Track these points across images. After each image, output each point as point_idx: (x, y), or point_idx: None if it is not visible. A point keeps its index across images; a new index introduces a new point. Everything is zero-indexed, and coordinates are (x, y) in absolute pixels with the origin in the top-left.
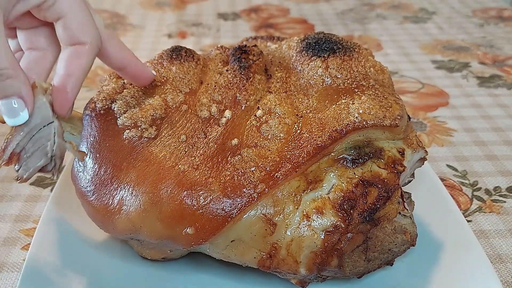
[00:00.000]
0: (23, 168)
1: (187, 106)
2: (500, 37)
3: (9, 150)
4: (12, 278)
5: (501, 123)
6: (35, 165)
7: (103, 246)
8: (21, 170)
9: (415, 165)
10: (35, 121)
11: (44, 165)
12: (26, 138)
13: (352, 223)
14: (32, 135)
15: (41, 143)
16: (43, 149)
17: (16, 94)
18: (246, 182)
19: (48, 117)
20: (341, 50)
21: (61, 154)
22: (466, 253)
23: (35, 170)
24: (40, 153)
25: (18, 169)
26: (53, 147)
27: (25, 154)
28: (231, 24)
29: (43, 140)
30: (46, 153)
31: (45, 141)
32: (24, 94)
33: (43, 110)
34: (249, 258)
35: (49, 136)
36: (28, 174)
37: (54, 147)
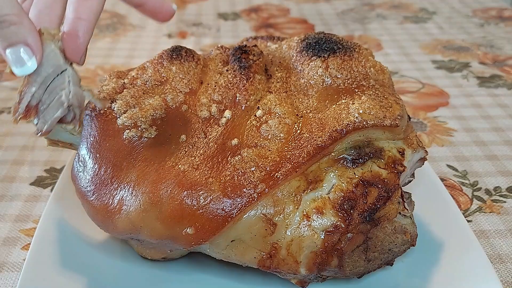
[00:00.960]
0: (41, 120)
1: (187, 106)
2: (500, 37)
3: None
4: (12, 278)
5: (501, 123)
6: (53, 117)
7: (103, 246)
8: (40, 123)
9: (415, 165)
10: (46, 70)
11: (62, 115)
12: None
13: (352, 223)
14: (47, 85)
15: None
16: (59, 99)
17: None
18: (246, 182)
19: (60, 65)
20: (341, 50)
21: (79, 103)
22: (466, 253)
23: (53, 121)
24: (57, 103)
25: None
26: (69, 96)
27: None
28: (231, 24)
29: (58, 90)
30: (62, 102)
31: (59, 90)
32: (30, 42)
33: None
34: (249, 258)
35: (63, 85)
36: (47, 126)
37: (70, 96)
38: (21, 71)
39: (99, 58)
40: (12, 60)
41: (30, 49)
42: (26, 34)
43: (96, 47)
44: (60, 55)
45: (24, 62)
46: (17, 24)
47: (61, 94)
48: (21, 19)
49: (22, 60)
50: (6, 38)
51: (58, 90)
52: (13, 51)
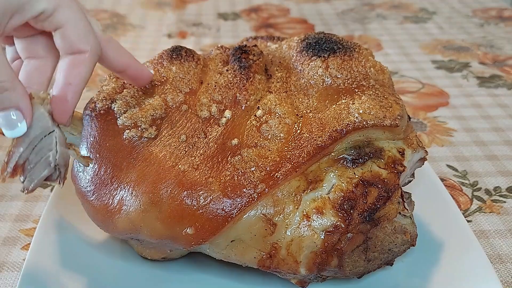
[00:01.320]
0: (28, 179)
1: (187, 106)
2: (500, 37)
3: (12, 162)
4: (12, 278)
5: (501, 123)
6: (39, 176)
7: (103, 246)
8: (26, 181)
9: (415, 165)
10: (35, 131)
11: (49, 174)
12: (28, 149)
13: (352, 223)
14: (34, 145)
15: (44, 153)
16: (46, 159)
17: (14, 106)
18: (246, 182)
19: (48, 127)
20: (341, 50)
21: (65, 163)
22: (466, 253)
23: (40, 180)
24: (44, 163)
25: (24, 180)
26: (56, 156)
27: (29, 165)
28: (231, 24)
29: (45, 150)
30: (49, 163)
31: (47, 151)
32: (21, 106)
33: (42, 120)
34: (249, 258)
35: (50, 146)
36: (33, 185)
37: (57, 156)
38: (11, 134)
39: None
40: (3, 123)
41: (21, 114)
42: (18, 99)
43: None
44: (48, 117)
45: (15, 125)
46: (9, 90)
47: (48, 154)
48: (14, 85)
49: (13, 123)
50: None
51: (45, 150)
52: (4, 115)
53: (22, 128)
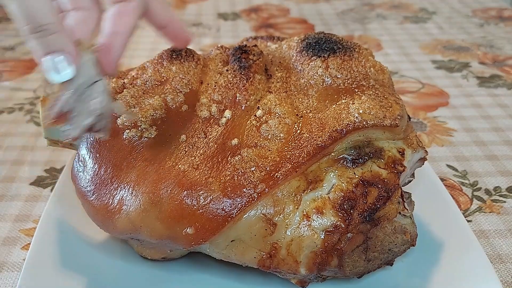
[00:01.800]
0: (72, 127)
1: (187, 106)
2: (500, 37)
3: (56, 108)
4: (12, 278)
5: (501, 123)
6: (84, 124)
7: (103, 246)
8: (70, 129)
9: (415, 165)
10: (81, 79)
11: (93, 123)
12: (73, 96)
13: (352, 223)
14: (79, 93)
15: (88, 101)
16: (91, 107)
17: (60, 50)
18: (246, 182)
19: (94, 75)
20: (341, 50)
21: (110, 113)
22: (466, 253)
23: (84, 128)
24: (88, 111)
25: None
26: (101, 104)
27: (73, 113)
28: (231, 24)
29: (90, 98)
30: (94, 110)
31: (92, 99)
32: (68, 50)
33: (88, 68)
34: (249, 258)
35: (96, 94)
36: (78, 132)
37: (103, 105)
38: (58, 78)
39: None
40: (49, 67)
41: (68, 57)
42: (65, 43)
43: None
44: (94, 66)
45: (61, 69)
46: (56, 33)
47: (94, 102)
48: (61, 28)
49: (60, 67)
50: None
51: (90, 99)
52: (51, 58)
53: (69, 72)
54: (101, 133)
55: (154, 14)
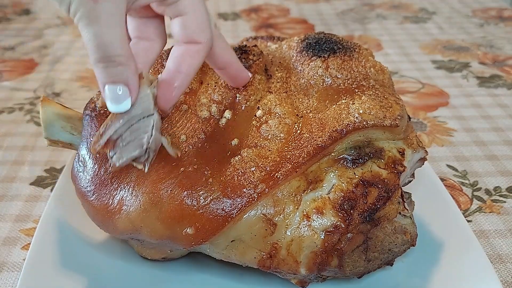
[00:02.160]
0: (117, 155)
1: (187, 106)
2: (500, 37)
3: (107, 135)
4: (12, 278)
5: (501, 123)
6: (129, 155)
7: (103, 246)
8: (115, 157)
9: (415, 165)
10: (136, 111)
11: (138, 156)
12: (125, 126)
13: (352, 223)
14: (131, 124)
15: (138, 134)
16: (140, 140)
17: (123, 82)
18: (246, 182)
19: (149, 109)
20: (342, 50)
21: (156, 147)
22: (466, 253)
23: (128, 159)
24: (136, 143)
25: (112, 156)
26: (150, 139)
27: (121, 142)
28: (231, 24)
29: (141, 132)
30: (141, 144)
31: (142, 132)
32: (130, 83)
33: (145, 102)
34: (249, 258)
35: (147, 128)
36: (122, 162)
37: (151, 140)
38: (115, 108)
39: None
40: (109, 96)
41: (128, 90)
42: (129, 76)
43: None
44: (152, 100)
45: (120, 100)
46: (123, 65)
47: (143, 136)
48: (129, 62)
49: (119, 98)
50: (110, 75)
51: (140, 132)
52: (112, 88)
53: (126, 104)
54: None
55: (214, 56)
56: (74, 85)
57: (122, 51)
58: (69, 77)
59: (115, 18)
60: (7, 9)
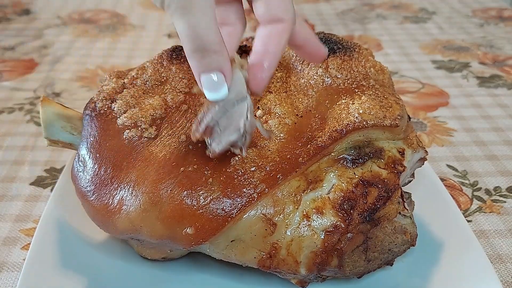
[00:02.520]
0: (215, 142)
1: (187, 106)
2: (500, 37)
3: (205, 122)
4: (12, 278)
5: (501, 123)
6: (228, 140)
7: (103, 246)
8: (214, 144)
9: (415, 165)
10: (230, 95)
11: (236, 140)
12: (220, 112)
13: (352, 223)
14: (226, 110)
15: (235, 119)
16: (237, 125)
17: (219, 69)
18: (246, 182)
19: (242, 93)
20: (341, 50)
21: (251, 130)
22: (466, 253)
23: (227, 144)
24: (233, 128)
25: (211, 142)
26: (246, 122)
27: (218, 128)
28: None
29: (236, 116)
30: (238, 128)
31: (238, 116)
32: (225, 70)
33: (238, 86)
34: (249, 258)
35: (242, 112)
36: (221, 147)
37: (247, 123)
38: (214, 96)
39: (99, 58)
40: (206, 85)
41: (223, 77)
42: (223, 63)
43: (96, 47)
44: (244, 84)
45: (217, 88)
46: (218, 53)
47: (239, 120)
48: (222, 48)
49: (216, 86)
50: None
51: (236, 116)
52: (208, 77)
53: (224, 91)
54: (239, 149)
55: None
56: (74, 85)
57: (217, 39)
58: (69, 77)
59: (207, 6)
60: (7, 9)
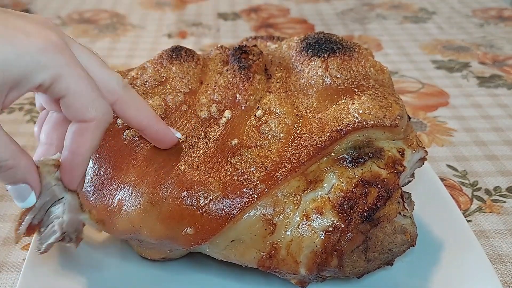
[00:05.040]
0: (39, 241)
1: (187, 106)
2: (500, 37)
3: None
4: (12, 278)
5: (501, 123)
6: (48, 241)
7: (103, 246)
8: (38, 243)
9: (415, 165)
10: (44, 198)
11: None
12: (41, 213)
13: (352, 223)
14: (46, 209)
15: (52, 220)
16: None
17: (21, 181)
18: (246, 182)
19: (56, 195)
20: (341, 50)
21: (75, 229)
22: (466, 253)
23: (49, 245)
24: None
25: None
26: (63, 225)
27: (42, 228)
28: (231, 24)
29: (54, 217)
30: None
31: (55, 218)
32: (28, 179)
33: (51, 187)
34: (249, 258)
35: (59, 214)
36: (44, 248)
37: (64, 225)
38: (23, 205)
39: None
40: (14, 195)
41: (29, 186)
42: (24, 174)
43: (96, 47)
44: (56, 185)
45: (24, 197)
46: (13, 168)
47: (54, 223)
48: (17, 162)
49: (23, 195)
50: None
51: (53, 218)
52: (14, 188)
53: (31, 199)
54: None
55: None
56: None
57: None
58: None
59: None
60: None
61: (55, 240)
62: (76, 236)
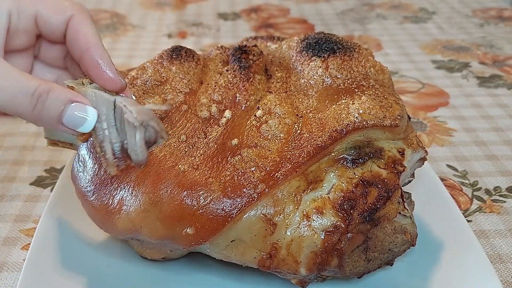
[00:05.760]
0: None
1: (187, 106)
2: (500, 37)
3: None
4: (12, 278)
5: (501, 123)
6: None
7: (103, 246)
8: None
9: (415, 165)
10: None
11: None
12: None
13: (352, 223)
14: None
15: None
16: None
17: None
18: (246, 182)
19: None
20: (341, 50)
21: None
22: (466, 253)
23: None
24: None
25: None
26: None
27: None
28: (231, 24)
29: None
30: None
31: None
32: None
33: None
34: (249, 258)
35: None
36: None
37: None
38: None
39: None
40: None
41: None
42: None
43: None
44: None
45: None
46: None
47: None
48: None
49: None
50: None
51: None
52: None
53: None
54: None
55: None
56: None
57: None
58: None
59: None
60: None
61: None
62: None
